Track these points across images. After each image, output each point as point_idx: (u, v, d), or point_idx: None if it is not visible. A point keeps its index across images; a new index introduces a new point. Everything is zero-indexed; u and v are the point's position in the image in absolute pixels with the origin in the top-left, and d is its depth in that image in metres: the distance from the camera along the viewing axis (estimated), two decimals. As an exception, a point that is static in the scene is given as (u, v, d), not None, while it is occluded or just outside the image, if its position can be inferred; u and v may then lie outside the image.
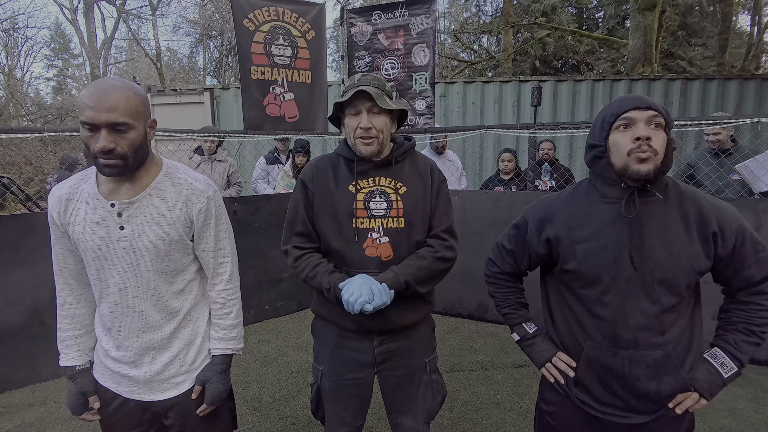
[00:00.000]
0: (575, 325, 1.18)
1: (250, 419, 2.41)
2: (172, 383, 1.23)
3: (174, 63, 24.00)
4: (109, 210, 1.13)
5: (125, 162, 1.07)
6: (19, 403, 2.60)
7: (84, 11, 16.16)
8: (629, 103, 1.05)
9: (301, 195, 1.41)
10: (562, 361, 1.23)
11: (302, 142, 4.31)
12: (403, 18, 4.15)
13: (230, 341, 1.31)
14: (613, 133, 1.07)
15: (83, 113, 1.03)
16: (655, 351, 1.08)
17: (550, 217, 1.22)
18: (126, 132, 1.06)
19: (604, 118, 1.09)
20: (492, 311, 3.76)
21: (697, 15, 14.21)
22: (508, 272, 1.36)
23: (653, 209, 1.09)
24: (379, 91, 1.30)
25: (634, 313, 1.08)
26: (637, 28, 9.27)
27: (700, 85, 7.23)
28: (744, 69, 11.87)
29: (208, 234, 1.25)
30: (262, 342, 3.44)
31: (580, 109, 7.23)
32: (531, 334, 1.32)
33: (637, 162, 1.03)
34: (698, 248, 1.07)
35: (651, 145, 1.02)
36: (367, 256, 1.34)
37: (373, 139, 1.31)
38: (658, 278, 1.06)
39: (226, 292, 1.31)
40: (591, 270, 1.12)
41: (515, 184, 4.17)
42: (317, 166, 1.43)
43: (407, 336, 1.43)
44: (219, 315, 1.31)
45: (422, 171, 1.42)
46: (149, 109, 1.15)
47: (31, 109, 16.73)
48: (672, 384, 1.09)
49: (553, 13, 14.21)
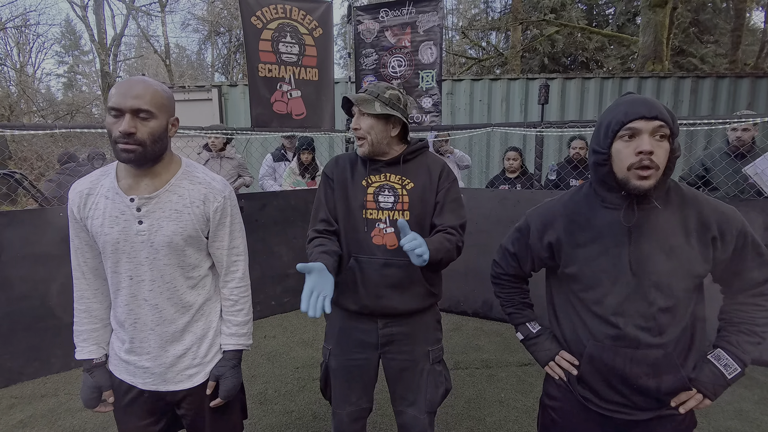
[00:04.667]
0: (578, 324, 1.20)
1: (256, 414, 2.44)
2: (185, 375, 1.27)
3: (182, 60, 24.13)
4: (128, 204, 1.16)
5: (143, 149, 1.12)
6: (30, 395, 2.65)
7: (94, 8, 16.28)
8: (635, 111, 1.02)
9: (324, 186, 1.55)
10: (565, 360, 1.25)
11: (307, 139, 4.32)
12: (411, 15, 4.15)
13: (241, 337, 1.35)
14: (616, 141, 1.05)
15: (111, 100, 1.10)
16: (655, 351, 1.10)
17: (551, 220, 1.23)
18: (148, 120, 1.12)
19: (609, 124, 1.06)
20: (497, 309, 3.76)
21: (710, 12, 13.99)
22: (512, 274, 1.38)
23: (652, 214, 1.09)
24: (368, 97, 1.41)
25: (632, 315, 1.10)
26: (648, 25, 9.16)
27: (711, 83, 7.13)
28: (757, 67, 11.67)
29: (223, 232, 1.28)
30: (268, 337, 3.47)
31: (589, 107, 7.17)
32: (534, 333, 1.34)
33: (637, 178, 1.02)
34: (696, 252, 1.08)
35: (653, 160, 1.01)
36: (374, 244, 1.45)
37: (363, 140, 1.44)
38: (654, 282, 1.08)
39: (238, 290, 1.34)
40: (591, 274, 1.14)
41: (521, 182, 4.15)
42: (338, 161, 1.57)
43: (411, 322, 1.50)
44: (231, 312, 1.34)
45: (432, 169, 1.50)
46: (173, 107, 1.21)
47: (42, 105, 16.93)
48: (672, 382, 1.11)
49: (562, 10, 14.08)
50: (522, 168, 4.28)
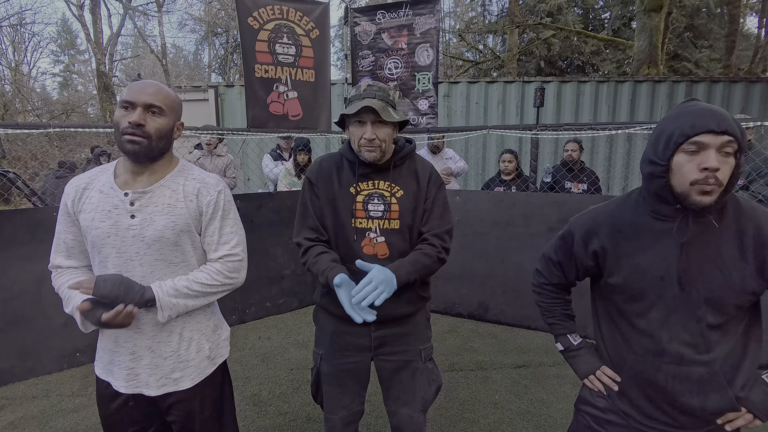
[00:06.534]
0: (619, 338, 1.16)
1: (250, 415, 2.43)
2: (170, 379, 1.24)
3: (179, 60, 24.07)
4: (122, 199, 1.17)
5: (148, 143, 1.15)
6: (21, 396, 2.63)
7: (90, 7, 16.22)
8: (704, 124, 0.93)
9: (309, 192, 1.50)
10: (606, 375, 1.21)
11: (303, 140, 4.32)
12: (407, 18, 4.16)
13: (172, 297, 1.17)
14: (678, 153, 0.97)
15: (124, 96, 1.15)
16: (700, 368, 1.05)
17: (595, 229, 1.18)
18: (158, 116, 1.17)
19: (671, 135, 0.98)
20: (492, 311, 3.77)
21: (704, 17, 14.12)
22: (555, 283, 1.33)
23: (706, 228, 1.03)
24: (383, 104, 1.36)
25: (677, 329, 1.06)
26: (643, 30, 9.23)
27: (706, 87, 7.20)
28: (751, 71, 11.79)
29: (213, 226, 1.27)
30: (263, 339, 3.46)
31: (584, 110, 7.22)
32: (576, 345, 1.30)
33: (699, 194, 0.96)
34: (752, 268, 1.02)
35: (717, 177, 0.94)
36: (365, 253, 1.42)
37: (376, 147, 1.38)
38: (704, 297, 1.03)
39: (222, 267, 1.26)
40: (636, 285, 1.09)
41: (516, 184, 4.17)
42: (321, 165, 1.51)
43: (403, 323, 1.50)
44: (199, 271, 1.24)
45: (420, 175, 1.48)
46: (181, 111, 1.28)
47: (37, 105, 16.83)
48: (718, 402, 1.06)
49: (558, 14, 14.17)
50: (517, 170, 4.29)
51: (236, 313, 3.74)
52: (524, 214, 3.57)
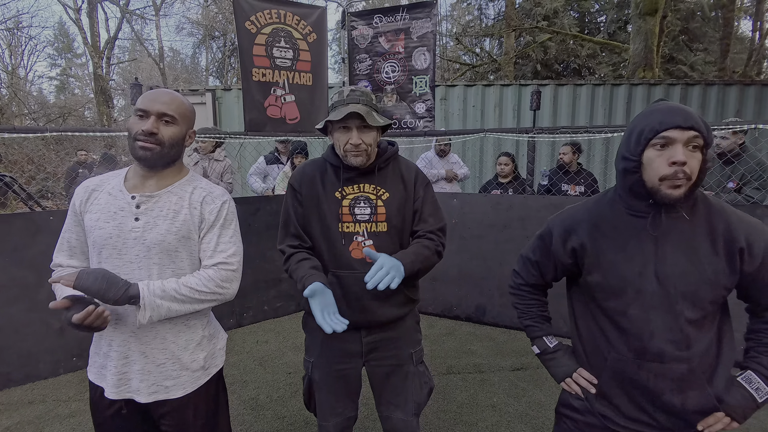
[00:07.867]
0: (600, 337, 1.17)
1: (248, 419, 2.42)
2: (162, 386, 1.23)
3: (177, 63, 24.08)
4: (128, 201, 1.20)
5: (161, 149, 1.19)
6: (18, 401, 2.61)
7: (87, 11, 16.23)
8: (671, 120, 0.99)
9: (291, 199, 1.49)
10: (583, 378, 1.21)
11: (300, 143, 4.33)
12: (404, 21, 4.18)
13: (157, 296, 1.13)
14: (648, 149, 1.02)
15: (139, 104, 1.19)
16: (681, 365, 1.06)
17: (574, 226, 1.20)
18: (171, 124, 1.21)
19: (642, 131, 1.03)
20: (490, 314, 3.77)
21: (699, 20, 14.23)
22: (533, 284, 1.34)
23: (679, 224, 1.07)
24: (368, 108, 1.37)
25: (658, 325, 1.07)
26: (639, 33, 9.29)
27: (701, 90, 7.25)
28: (745, 74, 11.90)
29: (211, 234, 1.27)
30: (261, 342, 3.45)
31: (580, 113, 7.25)
32: (552, 348, 1.30)
33: (668, 188, 1.01)
34: (723, 263, 1.05)
35: (686, 171, 0.98)
36: (353, 258, 1.42)
37: (362, 152, 1.39)
38: (681, 292, 1.05)
39: (215, 274, 1.23)
40: (615, 282, 1.11)
41: (513, 187, 4.18)
42: (305, 171, 1.51)
43: (393, 328, 1.50)
44: (187, 276, 1.22)
45: (406, 177, 1.48)
46: (194, 120, 1.31)
47: (33, 108, 16.78)
48: (698, 399, 1.07)
49: (555, 17, 14.25)
50: (514, 173, 4.31)
51: (234, 317, 3.73)
52: (521, 217, 3.58)
